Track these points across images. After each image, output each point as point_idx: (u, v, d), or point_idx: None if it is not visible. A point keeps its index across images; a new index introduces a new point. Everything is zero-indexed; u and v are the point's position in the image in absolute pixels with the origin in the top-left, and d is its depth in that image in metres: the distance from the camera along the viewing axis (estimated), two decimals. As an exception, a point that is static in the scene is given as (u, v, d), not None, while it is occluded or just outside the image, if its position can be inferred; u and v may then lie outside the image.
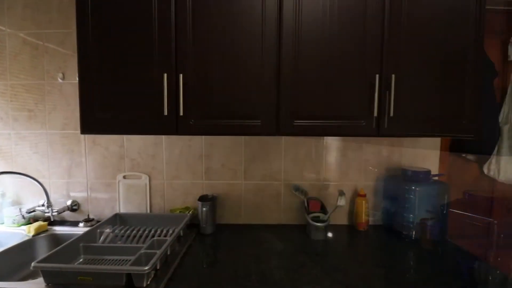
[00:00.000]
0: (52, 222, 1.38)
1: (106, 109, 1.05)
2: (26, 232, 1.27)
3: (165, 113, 1.02)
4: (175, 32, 1.02)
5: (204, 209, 1.26)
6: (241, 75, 1.03)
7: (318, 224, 1.23)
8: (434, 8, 1.02)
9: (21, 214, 1.34)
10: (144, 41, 1.03)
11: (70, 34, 1.37)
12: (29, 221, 1.36)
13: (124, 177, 1.42)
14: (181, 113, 1.02)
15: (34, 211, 1.36)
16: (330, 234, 1.31)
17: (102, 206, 1.44)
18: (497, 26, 1.45)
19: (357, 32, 1.02)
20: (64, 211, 1.40)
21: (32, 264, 0.87)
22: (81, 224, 1.36)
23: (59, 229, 1.33)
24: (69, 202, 1.43)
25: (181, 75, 1.01)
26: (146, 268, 0.84)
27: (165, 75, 1.01)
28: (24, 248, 1.20)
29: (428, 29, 1.03)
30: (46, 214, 1.37)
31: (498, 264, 1.56)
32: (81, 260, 1.07)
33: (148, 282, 0.88)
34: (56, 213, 1.36)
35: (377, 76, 1.01)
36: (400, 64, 1.03)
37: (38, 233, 1.27)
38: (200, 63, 1.03)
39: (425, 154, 1.43)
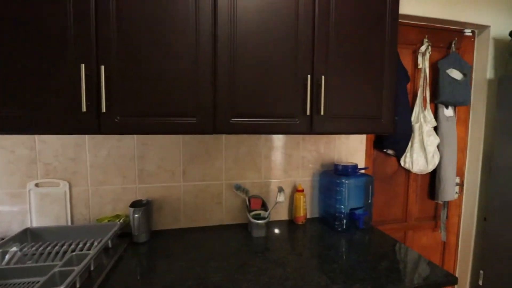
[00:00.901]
0: None
1: (6, 104, 0.87)
2: None
3: (83, 109, 0.88)
4: (95, 15, 0.90)
5: (136, 215, 1.15)
6: (173, 70, 0.96)
7: (259, 221, 1.24)
8: (357, 15, 1.12)
9: None
10: (55, 21, 0.87)
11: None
12: None
13: (37, 185, 1.21)
14: (104, 110, 0.90)
15: None
16: (277, 230, 1.34)
17: (8, 221, 1.20)
18: (410, 38, 1.68)
19: (291, 34, 1.05)
20: (-48, 231, 1.13)
21: None
22: (-23, 245, 1.11)
23: None
24: (-40, 220, 1.16)
25: (102, 67, 0.89)
26: (59, 289, 0.73)
27: (83, 66, 0.88)
28: None
29: (352, 35, 1.12)
30: None
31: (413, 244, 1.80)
32: (-26, 289, 0.87)
33: (63, 305, 0.76)
34: None
35: (309, 76, 1.07)
36: (328, 66, 1.10)
37: None
38: (126, 53, 0.93)
39: (354, 150, 1.57)
